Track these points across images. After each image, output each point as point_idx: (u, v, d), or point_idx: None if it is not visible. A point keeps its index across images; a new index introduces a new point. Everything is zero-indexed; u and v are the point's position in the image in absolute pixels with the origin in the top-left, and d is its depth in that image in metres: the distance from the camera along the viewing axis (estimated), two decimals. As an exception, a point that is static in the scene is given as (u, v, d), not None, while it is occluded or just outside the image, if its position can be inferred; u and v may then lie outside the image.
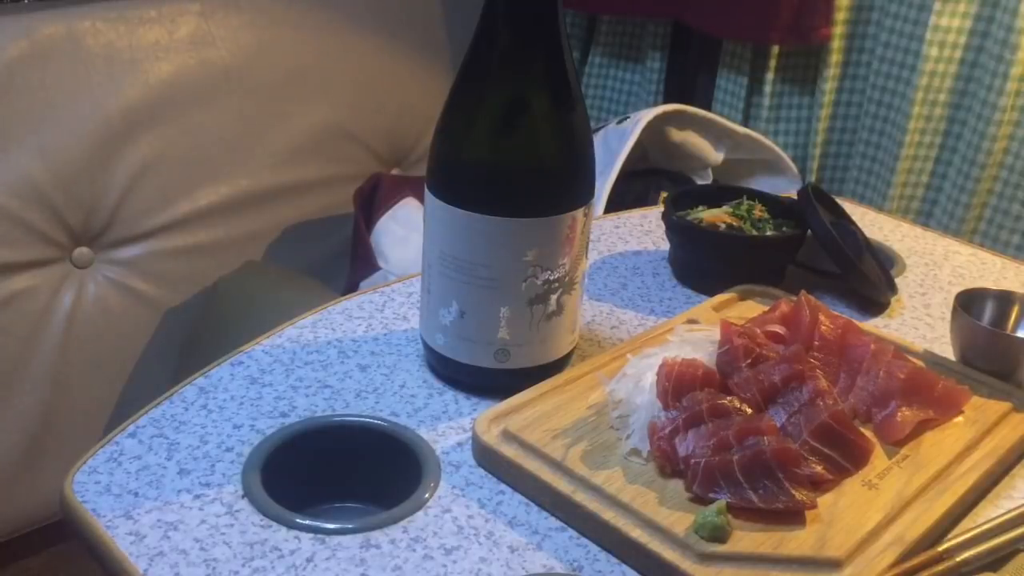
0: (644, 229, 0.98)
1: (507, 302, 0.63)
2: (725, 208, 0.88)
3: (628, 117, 1.34)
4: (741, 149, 1.38)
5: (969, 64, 1.26)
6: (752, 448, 0.55)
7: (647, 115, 1.31)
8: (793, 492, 0.54)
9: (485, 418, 0.61)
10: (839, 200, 0.95)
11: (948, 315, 0.83)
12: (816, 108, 1.43)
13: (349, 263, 1.46)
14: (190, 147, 1.37)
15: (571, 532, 0.55)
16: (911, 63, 1.30)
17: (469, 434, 0.63)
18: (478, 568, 0.52)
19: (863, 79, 1.41)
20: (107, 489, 0.56)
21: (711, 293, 0.82)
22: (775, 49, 1.43)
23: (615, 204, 1.26)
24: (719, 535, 0.52)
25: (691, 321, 0.74)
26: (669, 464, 0.57)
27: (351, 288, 1.39)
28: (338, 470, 0.63)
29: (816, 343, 0.66)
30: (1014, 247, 1.24)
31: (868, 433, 0.61)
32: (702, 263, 0.86)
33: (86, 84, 1.28)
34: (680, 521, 0.53)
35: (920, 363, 0.68)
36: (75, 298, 1.29)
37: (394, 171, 1.63)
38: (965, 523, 0.58)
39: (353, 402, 0.66)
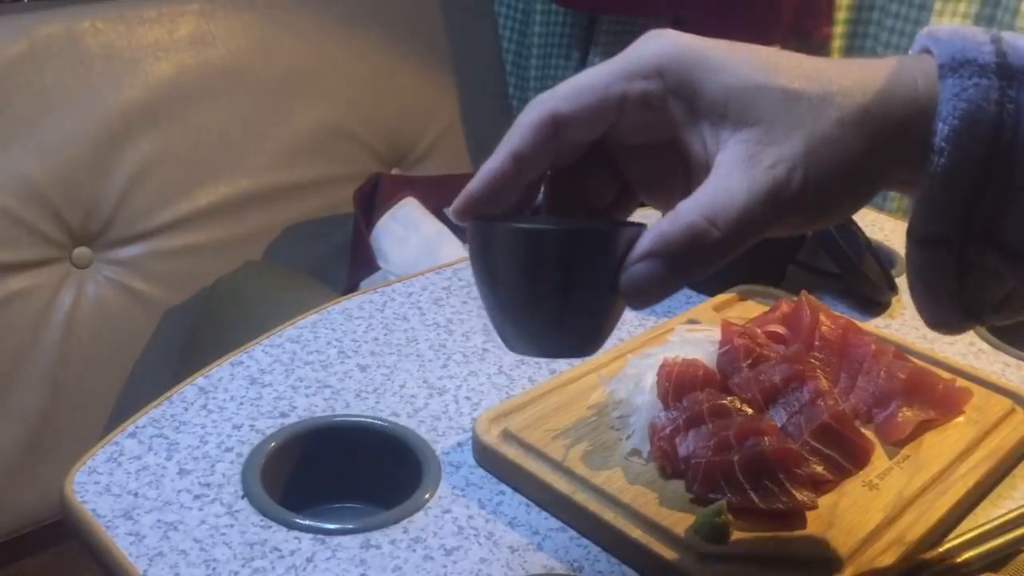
0: (644, 229, 0.98)
1: None
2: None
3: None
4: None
5: (969, 64, 1.26)
6: (752, 448, 0.55)
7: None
8: (793, 492, 0.54)
9: (485, 418, 0.61)
10: (839, 200, 0.94)
11: (949, 315, 0.83)
12: (816, 108, 1.43)
13: (349, 263, 1.46)
14: (190, 147, 1.37)
15: (571, 532, 0.55)
16: (911, 63, 1.30)
17: (469, 434, 0.63)
18: (478, 568, 0.52)
19: (863, 79, 1.41)
20: (107, 489, 0.56)
21: (711, 293, 0.82)
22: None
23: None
24: (719, 535, 0.52)
25: (691, 321, 0.74)
26: (670, 464, 0.57)
27: (351, 288, 1.39)
28: (338, 470, 0.63)
29: (817, 343, 0.66)
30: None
31: (869, 433, 0.61)
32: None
33: (86, 84, 1.28)
34: (680, 521, 0.53)
35: (921, 363, 0.68)
36: (75, 298, 1.29)
37: (394, 171, 1.63)
38: (966, 523, 0.58)
39: (353, 402, 0.66)
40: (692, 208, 0.39)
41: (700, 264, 0.40)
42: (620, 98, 0.42)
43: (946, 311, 0.42)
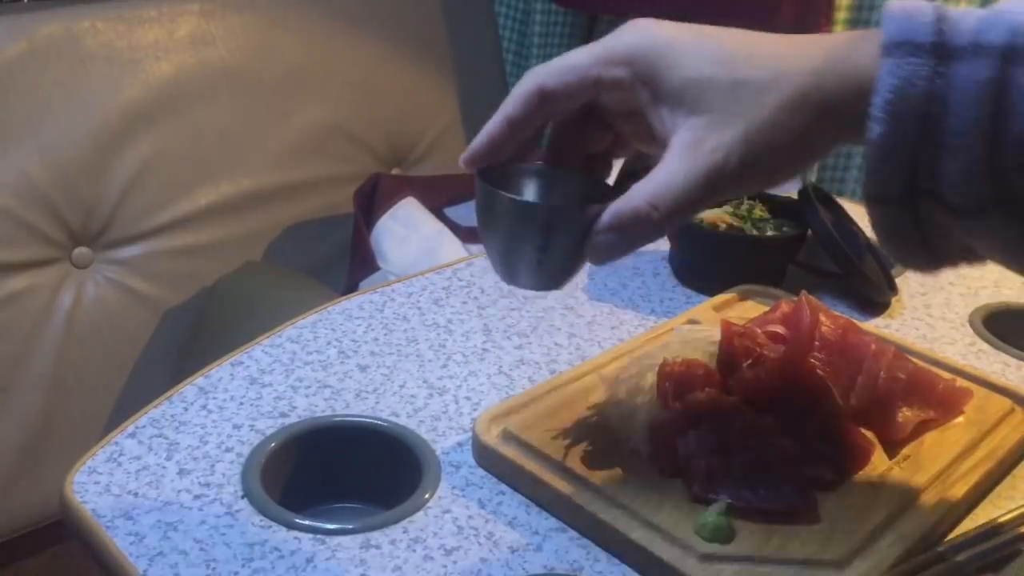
0: (644, 229, 0.98)
1: None
2: (725, 208, 0.88)
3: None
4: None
5: (969, 64, 1.26)
6: (753, 448, 0.55)
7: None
8: (793, 492, 0.54)
9: (485, 418, 0.61)
10: (839, 200, 0.95)
11: (948, 315, 0.83)
12: (816, 108, 1.43)
13: (349, 263, 1.46)
14: (190, 147, 1.37)
15: (571, 532, 0.55)
16: (911, 63, 1.30)
17: (469, 434, 0.63)
18: (478, 568, 0.52)
19: (863, 79, 1.41)
20: (107, 489, 0.56)
21: (711, 293, 0.82)
22: (775, 49, 1.43)
23: (615, 204, 1.26)
24: (720, 536, 0.52)
25: (691, 321, 0.74)
26: (670, 464, 0.57)
27: (351, 288, 1.39)
28: (338, 470, 0.63)
29: (817, 343, 0.66)
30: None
31: (869, 433, 0.61)
32: (702, 263, 0.86)
33: (86, 84, 1.28)
34: (681, 522, 0.53)
35: (921, 363, 0.68)
36: (75, 298, 1.29)
37: (394, 171, 1.63)
38: (965, 523, 0.58)
39: (353, 402, 0.66)
40: (641, 193, 0.48)
41: (645, 238, 0.49)
42: (596, 80, 0.50)
43: (914, 258, 0.48)
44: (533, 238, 0.50)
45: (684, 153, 0.48)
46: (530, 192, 0.54)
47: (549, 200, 0.54)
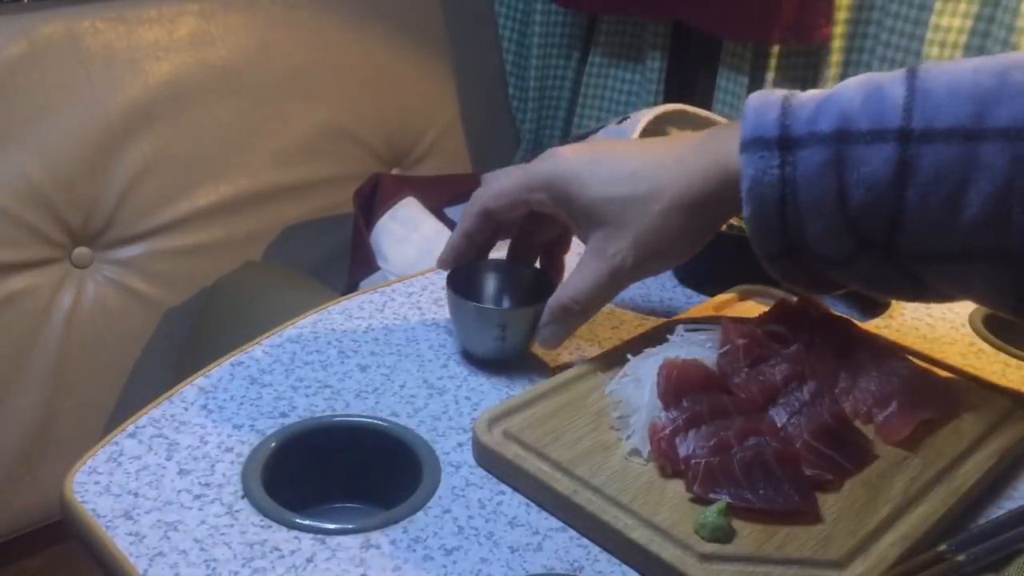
0: (644, 229, 0.98)
1: None
2: (725, 208, 0.88)
3: (628, 117, 1.34)
4: (741, 149, 1.37)
5: (969, 64, 1.26)
6: (752, 448, 0.55)
7: (647, 115, 1.30)
8: (793, 492, 0.54)
9: (485, 419, 0.61)
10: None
11: (948, 315, 0.83)
12: (816, 108, 1.43)
13: (349, 263, 1.46)
14: (190, 147, 1.37)
15: (571, 533, 0.55)
16: (911, 63, 1.30)
17: (469, 434, 0.63)
18: (478, 568, 0.52)
19: (863, 79, 1.41)
20: (107, 489, 0.56)
21: (711, 293, 0.82)
22: (775, 48, 1.43)
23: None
24: (720, 535, 0.52)
25: (692, 321, 0.74)
26: (670, 464, 0.57)
27: (351, 288, 1.39)
28: (338, 470, 0.63)
29: (817, 343, 0.66)
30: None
31: (869, 433, 0.61)
32: (702, 263, 0.85)
33: (86, 84, 1.28)
34: (681, 522, 0.53)
35: (921, 363, 0.68)
36: (75, 298, 1.29)
37: (394, 171, 1.63)
38: (966, 523, 0.58)
39: (353, 402, 0.66)
40: (565, 292, 0.64)
41: (576, 325, 0.66)
42: (524, 202, 0.65)
43: (814, 291, 0.62)
44: (492, 331, 0.67)
45: (591, 259, 0.62)
46: (491, 285, 0.71)
47: (505, 290, 0.71)
